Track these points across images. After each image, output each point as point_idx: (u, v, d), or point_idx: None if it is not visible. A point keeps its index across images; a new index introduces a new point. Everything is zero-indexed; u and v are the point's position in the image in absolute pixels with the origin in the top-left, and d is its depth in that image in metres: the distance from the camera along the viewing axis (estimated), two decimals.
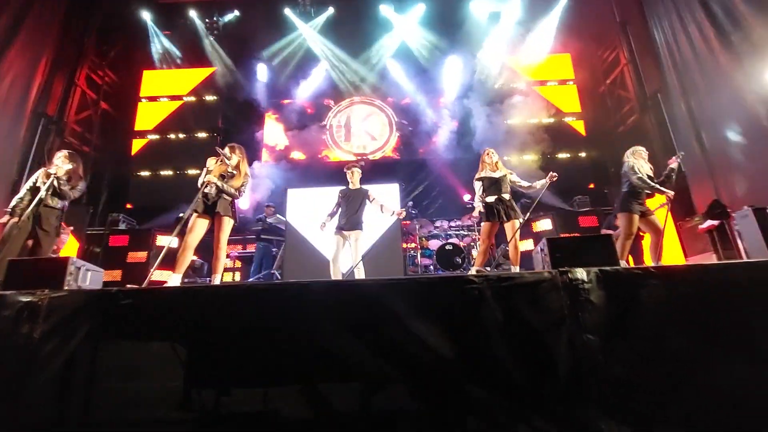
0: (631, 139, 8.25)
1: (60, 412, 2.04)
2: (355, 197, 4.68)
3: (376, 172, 9.11)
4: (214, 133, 9.84)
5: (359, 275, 4.32)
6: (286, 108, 10.20)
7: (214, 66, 10.01)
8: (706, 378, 1.91)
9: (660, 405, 1.90)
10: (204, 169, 3.79)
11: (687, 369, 1.97)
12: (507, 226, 4.21)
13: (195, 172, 9.22)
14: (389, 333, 2.04)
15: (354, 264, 4.37)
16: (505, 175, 4.35)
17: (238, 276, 7.99)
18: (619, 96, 9.24)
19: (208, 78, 10.11)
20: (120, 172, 9.43)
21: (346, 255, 4.55)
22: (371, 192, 4.75)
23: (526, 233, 7.64)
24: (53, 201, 3.99)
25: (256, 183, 8.88)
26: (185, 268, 3.58)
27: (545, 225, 7.42)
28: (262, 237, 7.03)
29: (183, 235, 3.65)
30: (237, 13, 9.65)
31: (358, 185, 4.82)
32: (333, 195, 4.90)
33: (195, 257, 7.47)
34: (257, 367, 2.11)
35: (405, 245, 7.02)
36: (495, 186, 4.28)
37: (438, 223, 7.92)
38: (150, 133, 9.71)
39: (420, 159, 9.74)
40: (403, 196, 7.45)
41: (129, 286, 2.82)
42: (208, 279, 7.38)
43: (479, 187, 4.42)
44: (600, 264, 2.23)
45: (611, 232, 5.59)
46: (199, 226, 3.63)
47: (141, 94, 10.00)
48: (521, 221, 4.21)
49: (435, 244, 7.46)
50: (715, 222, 5.30)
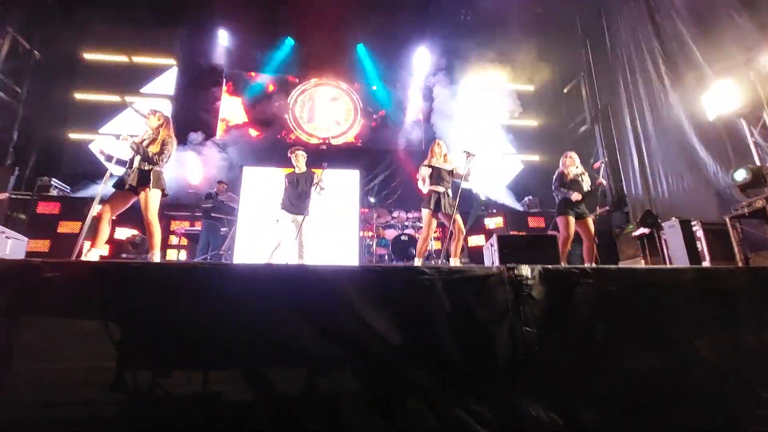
0: (582, 146, 8.83)
1: None
2: (301, 181, 4.62)
3: (337, 157, 8.98)
4: (167, 98, 9.19)
5: (304, 262, 4.28)
6: (246, 80, 9.75)
7: (170, 28, 9.30)
8: (622, 364, 2.14)
9: (581, 389, 2.09)
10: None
11: (607, 357, 2.18)
12: (451, 220, 4.29)
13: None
14: (339, 319, 2.04)
15: (299, 250, 4.33)
16: (452, 170, 4.43)
17: (184, 254, 7.61)
18: (574, 105, 9.75)
19: (163, 37, 9.38)
20: (54, 132, 8.56)
21: (290, 239, 4.48)
22: (317, 175, 4.67)
23: (478, 229, 7.93)
24: None
25: (209, 158, 8.46)
26: (102, 242, 3.39)
27: (497, 222, 7.73)
28: (211, 215, 6.70)
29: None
30: None
31: (303, 168, 4.75)
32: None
33: (136, 232, 7.01)
34: (199, 350, 2.03)
35: (362, 233, 7.03)
36: (441, 178, 4.37)
37: (396, 214, 7.99)
38: (92, 92, 8.89)
39: (382, 148, 9.73)
40: (364, 183, 7.42)
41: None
42: (148, 256, 6.98)
43: (428, 173, 4.41)
44: (543, 262, 2.37)
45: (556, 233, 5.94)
46: (118, 198, 3.46)
47: (85, 47, 9.08)
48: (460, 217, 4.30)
49: (391, 234, 7.54)
50: (646, 230, 5.80)
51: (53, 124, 8.59)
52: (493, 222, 7.71)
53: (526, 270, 2.27)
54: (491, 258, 2.88)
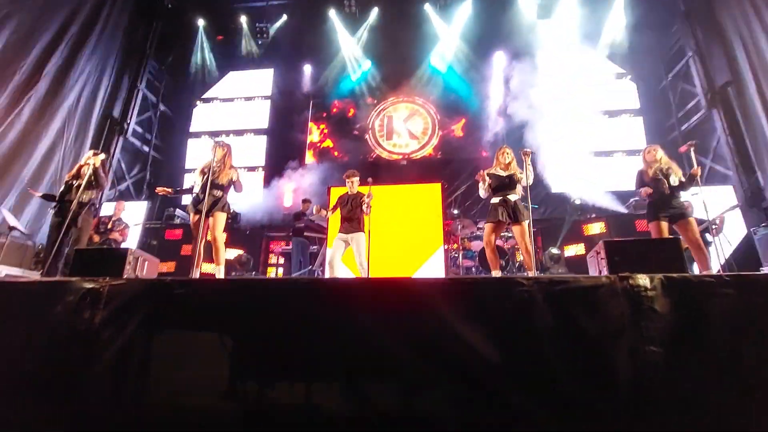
0: (696, 137, 7.63)
1: (116, 395, 2.13)
2: (350, 201, 4.77)
3: (418, 171, 9.03)
4: (262, 133, 10.23)
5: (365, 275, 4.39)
6: (330, 108, 10.40)
7: (263, 68, 10.42)
8: None
9: (730, 424, 1.71)
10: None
11: (761, 385, 1.76)
12: (515, 229, 3.99)
13: (243, 170, 9.61)
14: (434, 334, 1.97)
15: (361, 266, 4.45)
16: (513, 175, 4.12)
17: (281, 271, 8.23)
18: (683, 90, 8.52)
19: (257, 80, 10.52)
20: (176, 169, 10.03)
21: (344, 258, 4.65)
22: (365, 197, 4.78)
23: (575, 237, 7.25)
24: (86, 195, 4.35)
25: (300, 182, 9.12)
26: (198, 262, 3.81)
27: (597, 228, 7.00)
28: (303, 234, 7.15)
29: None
30: (285, 18, 9.95)
31: (356, 191, 4.89)
32: (375, 193, 4.93)
33: (242, 252, 7.78)
34: (301, 362, 2.12)
35: (446, 246, 6.89)
36: (501, 186, 4.08)
37: (481, 224, 7.68)
38: (204, 134, 10.28)
39: (463, 158, 9.53)
40: (446, 196, 7.32)
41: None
42: (253, 272, 7.68)
43: (486, 183, 4.20)
44: (664, 270, 2.05)
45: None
46: (198, 222, 3.84)
47: (196, 97, 10.60)
48: (530, 222, 3.98)
49: (478, 245, 7.26)
50: None
51: (176, 163, 10.08)
52: (594, 228, 6.99)
53: (644, 279, 1.98)
54: (597, 268, 2.58)
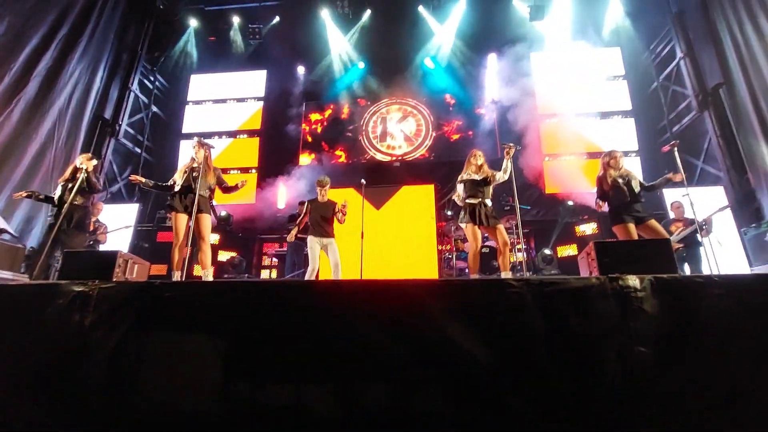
0: (688, 139, 7.72)
1: (109, 396, 2.12)
2: (321, 208, 4.88)
3: (411, 172, 9.04)
4: (255, 135, 10.18)
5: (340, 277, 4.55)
6: (323, 109, 10.39)
7: (255, 70, 10.38)
8: None
9: (718, 424, 1.72)
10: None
11: (754, 388, 1.77)
12: (495, 232, 4.06)
13: (236, 172, 9.58)
14: (425, 335, 1.97)
15: (336, 266, 4.60)
16: (487, 178, 4.15)
17: (274, 273, 8.19)
18: (674, 92, 8.61)
19: (250, 81, 10.48)
20: (168, 172, 9.94)
21: (324, 262, 4.77)
22: (337, 205, 4.90)
23: (567, 238, 7.30)
24: (78, 199, 4.30)
25: (294, 184, 9.09)
26: (180, 264, 3.81)
27: (589, 229, 7.04)
28: (297, 236, 7.12)
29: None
30: (278, 19, 9.93)
31: (326, 199, 4.98)
32: (368, 195, 4.95)
33: (235, 254, 7.73)
34: (293, 364, 2.11)
35: (440, 247, 6.90)
36: (476, 190, 4.12)
37: None
38: (196, 135, 10.20)
39: (457, 159, 9.54)
40: (439, 197, 7.33)
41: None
42: (246, 275, 7.64)
43: (461, 189, 4.26)
44: (654, 271, 2.06)
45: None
46: (180, 222, 3.86)
47: (188, 98, 10.53)
48: (505, 226, 4.12)
49: None
50: None
51: (168, 164, 10.01)
52: (586, 229, 7.04)
53: (633, 280, 2.00)
54: (588, 269, 2.60)
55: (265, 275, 8.65)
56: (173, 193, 3.94)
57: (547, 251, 7.12)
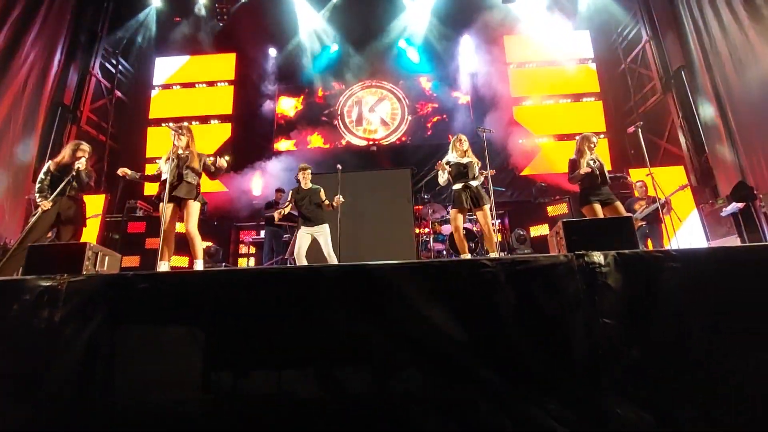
0: (652, 119, 8.02)
1: (83, 392, 2.08)
2: (311, 195, 4.84)
3: (387, 157, 9.04)
4: (226, 119, 9.87)
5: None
6: (297, 93, 10.16)
7: (224, 52, 10.00)
8: (729, 365, 1.85)
9: (675, 387, 1.86)
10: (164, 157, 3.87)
11: (709, 355, 1.91)
12: (479, 213, 4.16)
13: (210, 159, 9.29)
14: (402, 316, 2.03)
15: (329, 256, 4.59)
16: (472, 162, 4.30)
17: (252, 261, 8.11)
18: (640, 74, 8.89)
19: (219, 64, 10.10)
20: (135, 159, 9.56)
21: (310, 251, 4.74)
22: (321, 193, 4.88)
23: (540, 218, 7.52)
24: (73, 192, 4.08)
25: (268, 170, 8.93)
26: (170, 254, 3.69)
27: (561, 209, 7.28)
28: (274, 223, 7.07)
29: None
30: None
31: (309, 185, 4.94)
32: (345, 180, 4.94)
33: (210, 243, 7.58)
34: (273, 350, 2.13)
35: (417, 230, 6.98)
36: (462, 172, 4.22)
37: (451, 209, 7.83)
38: (164, 121, 9.80)
39: (433, 143, 9.60)
40: (416, 181, 7.38)
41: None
42: (223, 264, 7.53)
43: (444, 171, 4.36)
44: (618, 247, 2.17)
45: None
46: (167, 212, 3.69)
47: (154, 82, 10.06)
48: (492, 206, 4.19)
49: (448, 229, 7.40)
50: (740, 204, 5.11)
51: (135, 152, 9.60)
52: (557, 209, 7.27)
53: (598, 257, 2.10)
54: (558, 248, 2.71)
55: (243, 263, 8.54)
56: (160, 183, 3.79)
57: (521, 231, 7.33)
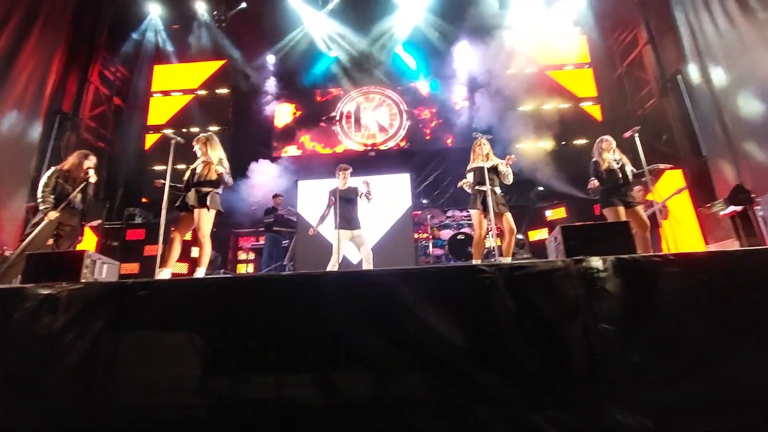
0: (650, 123, 8.05)
1: (83, 398, 2.09)
2: (348, 196, 4.77)
3: (386, 162, 9.05)
4: (225, 126, 9.90)
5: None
6: (295, 99, 10.21)
7: (223, 59, 10.04)
8: (728, 370, 1.85)
9: (676, 394, 1.86)
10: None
11: (708, 360, 1.91)
12: (503, 218, 4.20)
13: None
14: (400, 322, 2.03)
15: (366, 259, 4.49)
16: (496, 166, 4.32)
17: (251, 267, 8.10)
18: (637, 78, 8.94)
19: (217, 71, 10.15)
20: (135, 167, 9.57)
21: (348, 253, 4.66)
22: (359, 188, 4.81)
23: (539, 222, 7.54)
24: (76, 203, 4.12)
25: (267, 176, 8.94)
26: (173, 261, 3.70)
27: (559, 214, 7.29)
28: (273, 229, 7.08)
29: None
30: (244, 5, 9.60)
31: (348, 185, 4.89)
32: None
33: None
34: (271, 356, 2.13)
35: (416, 236, 6.99)
36: (483, 177, 4.25)
37: (450, 213, 7.85)
38: (163, 128, 9.82)
39: (431, 148, 9.64)
40: (414, 185, 7.40)
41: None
42: (222, 271, 7.52)
43: (471, 177, 4.41)
44: (616, 252, 2.18)
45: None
46: (183, 220, 3.80)
47: (153, 88, 10.09)
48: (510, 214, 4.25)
49: (447, 233, 7.41)
50: (738, 208, 5.12)
51: (134, 159, 9.61)
52: (556, 213, 7.29)
53: (596, 262, 2.11)
54: (556, 253, 2.71)
55: (242, 270, 8.53)
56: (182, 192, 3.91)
57: (519, 236, 7.34)
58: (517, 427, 1.83)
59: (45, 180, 4.05)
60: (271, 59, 10.13)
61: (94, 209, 6.62)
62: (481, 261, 4.29)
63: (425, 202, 7.64)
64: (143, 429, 2.04)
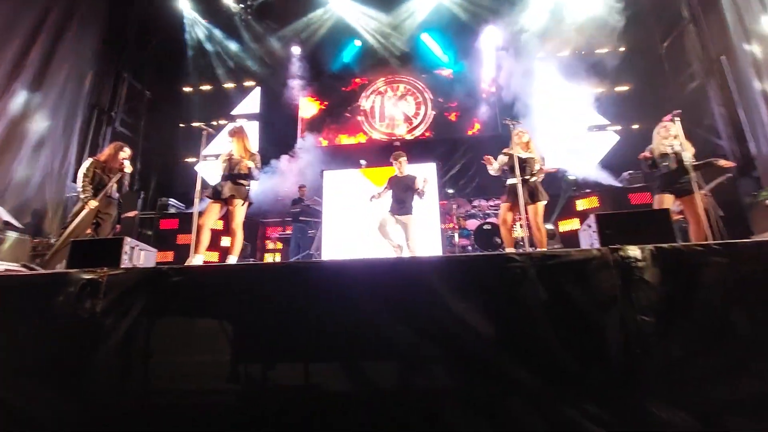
0: (691, 107, 7.59)
1: (122, 381, 2.17)
2: (402, 184, 4.82)
3: (412, 152, 8.94)
4: (253, 118, 10.07)
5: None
6: (320, 90, 10.23)
7: (251, 51, 10.16)
8: None
9: (729, 393, 1.76)
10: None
11: (756, 355, 1.80)
12: (530, 208, 4.11)
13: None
14: (428, 311, 2.01)
15: (409, 247, 4.58)
16: (533, 158, 4.26)
17: (279, 257, 8.26)
18: (678, 60, 8.42)
19: (245, 64, 10.29)
20: (168, 158, 9.90)
21: (393, 230, 4.72)
22: (417, 180, 4.81)
23: (569, 212, 7.29)
24: (113, 193, 4.33)
25: (294, 167, 9.05)
26: (204, 247, 3.82)
27: (591, 203, 7.03)
28: (300, 219, 7.18)
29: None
30: None
31: (405, 173, 4.93)
32: (369, 176, 4.96)
33: None
34: (300, 343, 2.15)
35: (443, 226, 6.92)
36: (521, 167, 4.13)
37: (476, 203, 7.73)
38: (194, 121, 10.09)
39: (457, 137, 9.47)
40: (441, 175, 7.31)
41: None
42: (252, 259, 7.71)
43: (502, 161, 4.31)
44: (654, 241, 2.07)
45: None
46: (211, 209, 3.90)
47: (184, 82, 10.35)
48: (545, 203, 4.18)
49: (473, 224, 7.30)
50: None
51: (167, 151, 9.95)
52: (587, 203, 7.03)
53: (634, 251, 2.01)
54: (589, 241, 2.61)
55: (269, 259, 8.72)
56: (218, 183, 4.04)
57: (549, 226, 7.13)
58: (553, 423, 1.78)
59: (84, 170, 4.23)
60: (296, 51, 10.16)
61: (129, 200, 6.93)
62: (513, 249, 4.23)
63: (451, 191, 7.53)
64: (176, 413, 2.11)
